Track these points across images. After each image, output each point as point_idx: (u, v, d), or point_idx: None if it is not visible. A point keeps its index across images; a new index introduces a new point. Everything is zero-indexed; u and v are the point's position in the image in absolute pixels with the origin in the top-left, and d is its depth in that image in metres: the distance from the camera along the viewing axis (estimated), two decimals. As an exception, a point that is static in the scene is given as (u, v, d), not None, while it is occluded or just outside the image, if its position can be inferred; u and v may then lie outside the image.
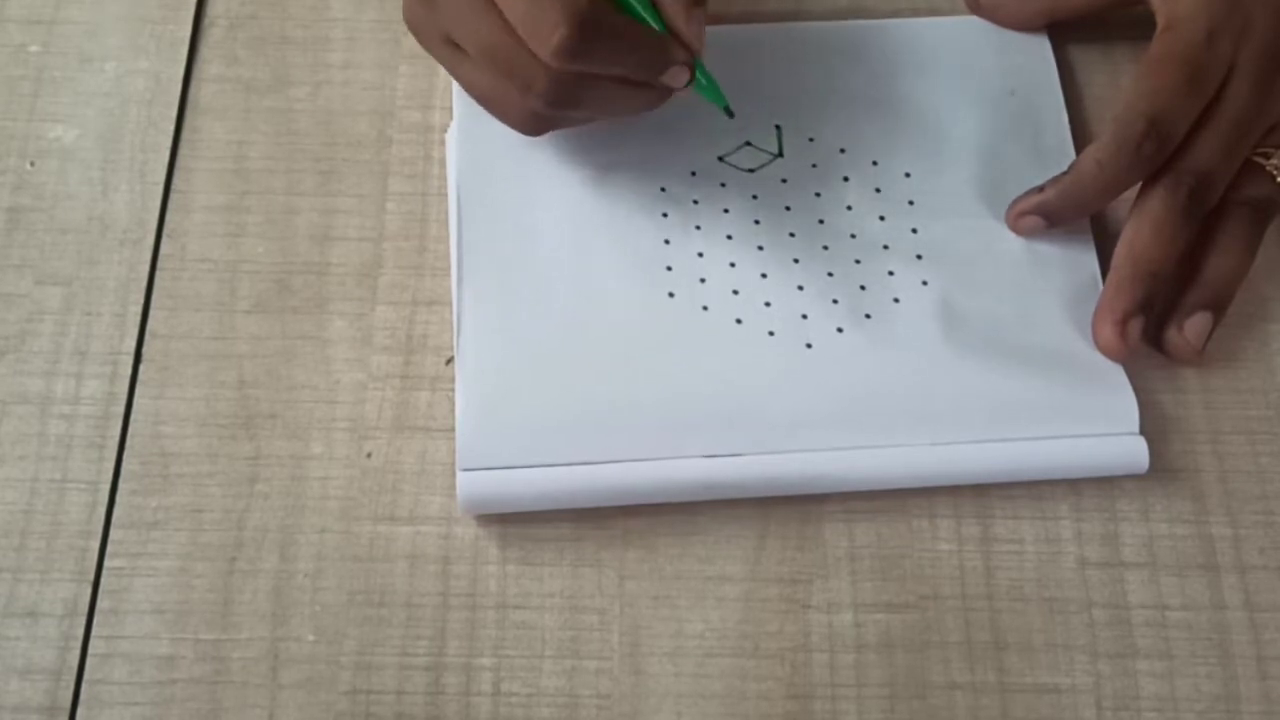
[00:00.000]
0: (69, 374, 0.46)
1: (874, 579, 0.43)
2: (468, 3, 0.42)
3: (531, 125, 0.45)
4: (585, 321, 0.45)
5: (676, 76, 0.43)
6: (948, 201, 0.48)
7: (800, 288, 0.46)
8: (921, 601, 0.43)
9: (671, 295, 0.46)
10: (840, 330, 0.45)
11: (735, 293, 0.46)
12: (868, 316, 0.46)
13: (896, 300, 0.46)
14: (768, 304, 0.46)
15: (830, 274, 0.47)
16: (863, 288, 0.46)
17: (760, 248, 0.47)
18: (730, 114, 0.45)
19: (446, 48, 0.45)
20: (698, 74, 0.44)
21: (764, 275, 0.46)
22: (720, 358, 0.45)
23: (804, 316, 0.46)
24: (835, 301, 0.46)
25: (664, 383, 0.44)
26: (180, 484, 0.44)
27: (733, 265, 0.47)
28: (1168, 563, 0.44)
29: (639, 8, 0.43)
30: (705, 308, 0.46)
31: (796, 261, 0.47)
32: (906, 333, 0.45)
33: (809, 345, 0.45)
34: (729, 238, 0.47)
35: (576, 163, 0.48)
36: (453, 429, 0.44)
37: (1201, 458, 0.45)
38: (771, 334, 0.45)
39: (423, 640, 0.42)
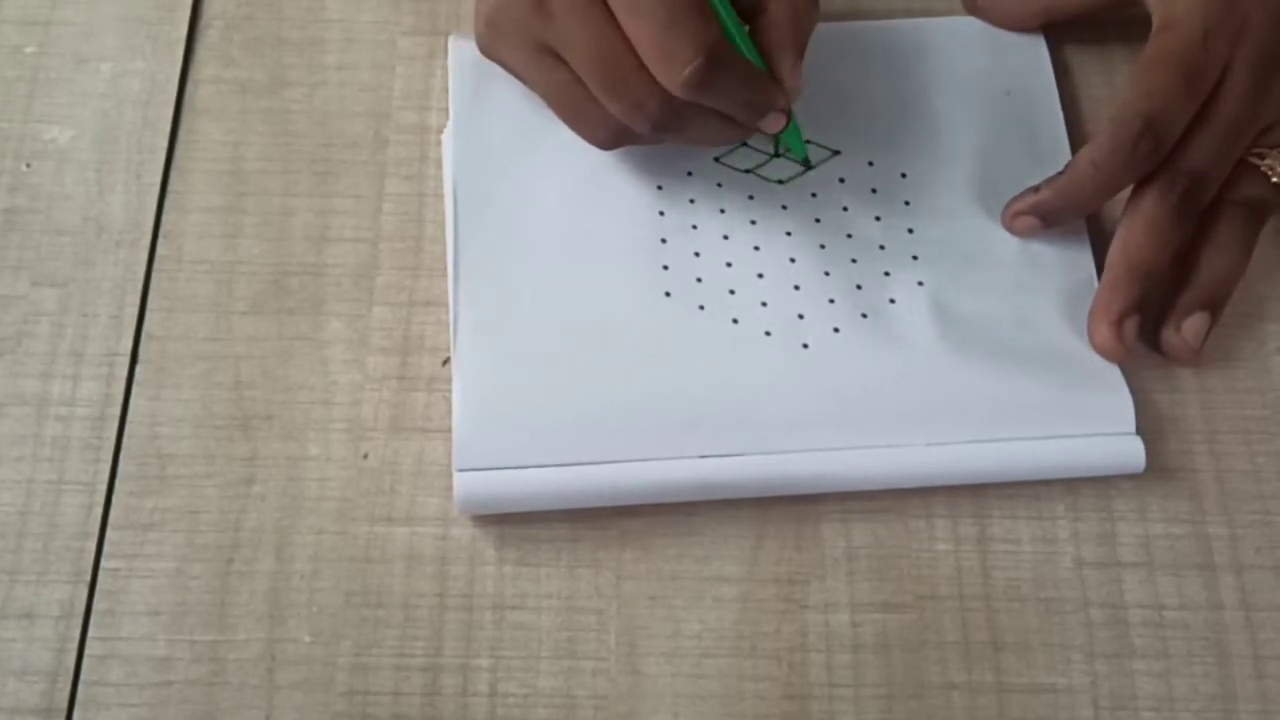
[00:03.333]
0: (65, 375, 0.46)
1: (871, 579, 0.43)
2: (587, 15, 0.42)
3: (612, 141, 0.45)
4: (582, 321, 0.45)
5: (774, 122, 0.44)
6: (944, 202, 0.48)
7: (796, 287, 0.46)
8: (918, 601, 0.43)
9: (668, 295, 0.46)
10: (837, 330, 0.45)
11: (732, 292, 0.46)
12: (864, 316, 0.46)
13: (893, 300, 0.46)
14: (764, 304, 0.46)
15: (827, 273, 0.47)
16: (859, 287, 0.46)
17: (757, 248, 0.47)
18: (809, 165, 0.48)
19: (538, 54, 0.44)
20: (794, 121, 0.45)
21: (760, 275, 0.46)
22: (717, 357, 0.45)
23: (800, 316, 0.46)
24: (832, 301, 0.46)
25: (661, 383, 0.44)
26: (177, 485, 0.44)
27: (729, 265, 0.47)
28: (1164, 562, 0.44)
29: (744, 48, 0.44)
30: (702, 307, 0.46)
31: (793, 261, 0.47)
32: (903, 332, 0.45)
33: (805, 345, 0.45)
34: (725, 237, 0.47)
35: (573, 163, 0.48)
36: (450, 429, 0.44)
37: (1198, 457, 0.45)
38: (768, 334, 0.45)
39: (419, 641, 0.42)
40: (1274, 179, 0.47)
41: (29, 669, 0.42)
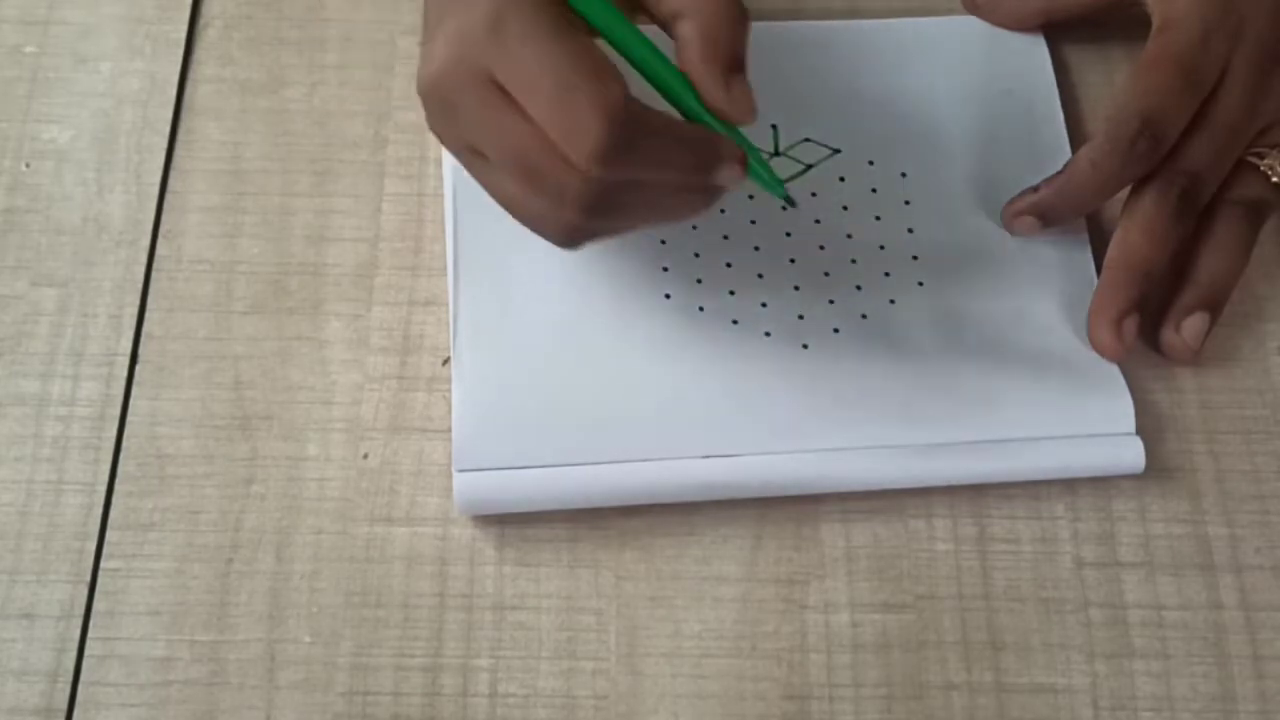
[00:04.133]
0: (65, 375, 0.46)
1: (871, 579, 0.43)
2: (487, 104, 0.37)
3: (570, 238, 0.40)
4: (581, 322, 0.45)
5: (729, 175, 0.38)
6: (943, 201, 0.48)
7: (796, 288, 0.46)
8: (918, 602, 0.43)
9: (668, 296, 0.46)
10: (836, 330, 0.45)
11: (731, 293, 0.46)
12: (864, 317, 0.46)
13: (892, 301, 0.46)
14: (764, 305, 0.46)
15: (826, 274, 0.47)
16: (859, 288, 0.46)
17: (756, 249, 0.47)
18: (791, 203, 0.42)
19: (470, 155, 0.40)
20: (752, 164, 0.39)
21: (760, 276, 0.46)
22: (716, 359, 0.45)
23: (800, 317, 0.46)
24: (831, 302, 0.46)
25: (660, 384, 0.44)
26: (176, 485, 0.44)
27: (729, 266, 0.47)
28: (1164, 562, 0.44)
29: (678, 90, 0.39)
30: (701, 309, 0.46)
31: (793, 262, 0.47)
32: (902, 333, 0.45)
33: (805, 346, 0.45)
34: (725, 239, 0.47)
35: (572, 163, 0.48)
36: (449, 430, 0.44)
37: (1198, 457, 0.45)
38: (768, 335, 0.45)
39: (419, 641, 0.42)
40: (1273, 179, 0.47)
41: (29, 669, 0.42)
